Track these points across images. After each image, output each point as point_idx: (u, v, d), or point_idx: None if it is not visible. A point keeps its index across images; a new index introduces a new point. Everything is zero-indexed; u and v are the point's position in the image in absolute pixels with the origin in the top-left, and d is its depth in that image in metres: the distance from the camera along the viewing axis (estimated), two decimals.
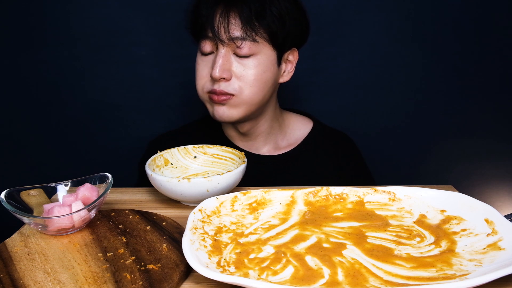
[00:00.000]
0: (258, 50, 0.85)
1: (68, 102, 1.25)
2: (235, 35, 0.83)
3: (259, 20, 0.83)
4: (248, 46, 0.84)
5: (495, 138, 1.31)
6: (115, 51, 1.22)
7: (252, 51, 0.84)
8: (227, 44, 0.84)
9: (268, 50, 0.86)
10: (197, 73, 0.90)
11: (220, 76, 0.84)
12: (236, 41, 0.83)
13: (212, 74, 0.84)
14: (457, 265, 0.51)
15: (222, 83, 0.85)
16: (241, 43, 0.83)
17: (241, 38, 0.83)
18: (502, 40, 1.23)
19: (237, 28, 0.83)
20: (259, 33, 0.84)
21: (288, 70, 0.93)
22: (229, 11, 0.83)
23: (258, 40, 0.84)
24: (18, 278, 0.50)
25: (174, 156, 0.82)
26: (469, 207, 0.61)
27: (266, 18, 0.83)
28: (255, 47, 0.84)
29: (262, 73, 0.86)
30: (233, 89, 0.85)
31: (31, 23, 1.19)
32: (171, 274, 0.51)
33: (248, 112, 0.89)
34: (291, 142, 1.00)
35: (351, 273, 0.50)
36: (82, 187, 0.63)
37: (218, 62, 0.84)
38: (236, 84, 0.85)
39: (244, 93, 0.86)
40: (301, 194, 0.67)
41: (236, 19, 0.83)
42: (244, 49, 0.84)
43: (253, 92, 0.86)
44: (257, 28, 0.83)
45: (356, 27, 1.22)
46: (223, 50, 0.85)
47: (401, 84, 1.27)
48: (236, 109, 0.88)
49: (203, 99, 0.91)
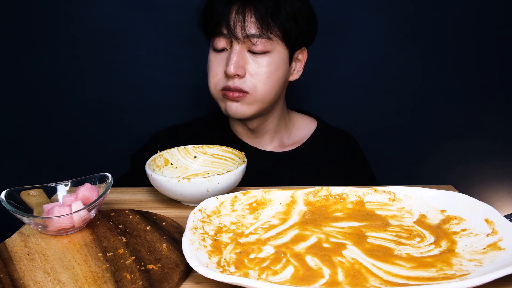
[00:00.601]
0: (272, 48, 0.86)
1: (68, 102, 1.25)
2: (251, 32, 0.84)
3: (274, 18, 0.84)
4: (263, 43, 0.84)
5: (495, 138, 1.31)
6: (116, 51, 1.22)
7: (267, 49, 0.85)
8: (242, 41, 0.85)
9: (281, 48, 0.87)
10: (210, 71, 0.90)
11: (235, 73, 0.84)
12: (252, 38, 0.84)
13: (227, 70, 0.85)
14: (457, 265, 0.51)
15: (236, 80, 0.86)
16: (256, 41, 0.84)
17: (257, 36, 0.84)
18: (502, 40, 1.23)
19: (253, 25, 0.84)
20: (273, 31, 0.85)
21: (297, 68, 0.94)
22: (245, 9, 0.84)
23: (272, 38, 0.85)
24: (18, 278, 0.50)
25: (174, 156, 0.82)
26: (469, 207, 0.61)
27: (281, 16, 0.84)
28: (269, 44, 0.85)
29: (275, 71, 0.87)
30: (247, 86, 0.86)
31: (31, 23, 1.19)
32: (171, 274, 0.51)
33: (261, 110, 0.90)
34: (296, 140, 1.01)
35: (351, 273, 0.50)
36: (82, 187, 0.63)
37: (233, 59, 0.84)
38: (250, 82, 0.86)
39: (258, 91, 0.87)
40: (301, 194, 0.67)
41: (252, 16, 0.84)
42: (258, 46, 0.84)
43: (266, 90, 0.87)
44: (271, 26, 0.84)
45: (357, 28, 1.22)
46: (238, 47, 0.85)
47: (401, 84, 1.27)
48: (249, 106, 0.88)
49: (216, 97, 0.91)
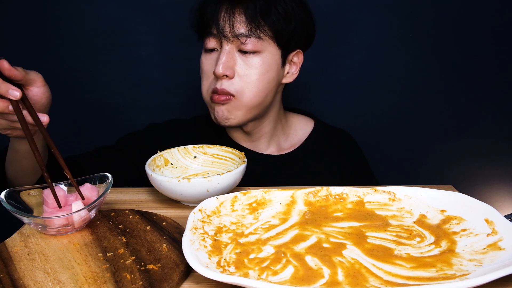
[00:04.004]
0: (263, 48, 0.85)
1: (68, 102, 1.25)
2: (240, 31, 0.83)
3: (264, 17, 0.83)
4: (253, 42, 0.83)
5: (495, 138, 1.31)
6: (116, 51, 1.22)
7: (257, 48, 0.84)
8: (232, 41, 0.84)
9: (272, 49, 0.86)
10: (202, 73, 0.90)
11: (223, 73, 0.83)
12: (241, 37, 0.83)
13: (215, 70, 0.84)
14: (457, 265, 0.51)
15: (225, 82, 0.85)
16: (245, 40, 0.83)
17: (246, 35, 0.83)
18: (502, 39, 1.23)
19: (242, 24, 0.83)
20: (263, 31, 0.84)
21: (292, 71, 0.92)
22: (234, 8, 0.83)
23: (262, 38, 0.84)
24: (18, 278, 0.50)
25: (174, 156, 0.82)
26: (469, 207, 0.61)
27: (271, 15, 0.83)
28: (259, 44, 0.84)
29: (265, 73, 0.86)
30: (234, 89, 0.85)
31: (32, 23, 1.19)
32: (171, 274, 0.51)
33: (249, 116, 0.89)
34: (294, 142, 1.00)
35: (351, 273, 0.50)
36: (82, 187, 0.63)
37: (221, 59, 0.84)
38: (238, 84, 0.85)
39: (245, 95, 0.86)
40: (301, 194, 0.67)
41: (241, 15, 0.83)
42: (248, 45, 0.83)
43: (254, 93, 0.86)
44: (261, 25, 0.83)
45: (357, 27, 1.22)
46: (227, 47, 0.84)
47: (401, 84, 1.27)
48: (234, 112, 0.87)
49: (207, 102, 0.90)
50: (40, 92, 0.65)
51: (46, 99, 0.67)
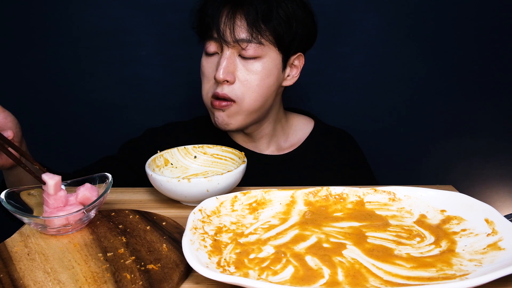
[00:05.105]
0: (264, 53, 0.84)
1: (68, 102, 1.25)
2: (241, 37, 0.82)
3: (266, 22, 0.82)
4: (254, 48, 0.82)
5: (495, 138, 1.31)
6: (116, 51, 1.22)
7: (258, 54, 0.83)
8: (232, 46, 0.83)
9: (273, 53, 0.85)
10: (203, 76, 0.89)
11: (223, 79, 0.83)
12: (241, 43, 0.82)
13: (216, 76, 0.83)
14: (457, 265, 0.51)
15: (225, 87, 0.84)
16: (246, 45, 0.82)
17: (246, 40, 0.82)
18: (502, 39, 1.23)
19: (243, 30, 0.82)
20: (265, 36, 0.82)
21: (292, 74, 0.91)
22: (235, 13, 0.82)
23: (263, 43, 0.83)
24: (18, 278, 0.50)
25: (174, 156, 0.82)
26: (469, 207, 0.61)
27: (273, 20, 0.82)
28: (260, 49, 0.83)
29: (265, 78, 0.85)
30: (235, 94, 0.85)
31: (31, 23, 1.19)
32: (171, 274, 0.51)
33: (249, 120, 0.89)
34: (294, 142, 1.00)
35: (351, 273, 0.50)
36: (82, 187, 0.63)
37: (222, 64, 0.83)
38: (239, 90, 0.85)
39: (245, 101, 0.85)
40: (301, 194, 0.67)
41: (242, 20, 0.82)
42: (249, 51, 0.82)
43: (254, 99, 0.86)
44: (263, 30, 0.82)
45: (356, 27, 1.22)
46: (228, 52, 0.83)
47: (401, 83, 1.27)
48: (235, 117, 0.87)
49: (207, 105, 0.90)
50: (2, 117, 0.68)
51: (11, 123, 0.69)
